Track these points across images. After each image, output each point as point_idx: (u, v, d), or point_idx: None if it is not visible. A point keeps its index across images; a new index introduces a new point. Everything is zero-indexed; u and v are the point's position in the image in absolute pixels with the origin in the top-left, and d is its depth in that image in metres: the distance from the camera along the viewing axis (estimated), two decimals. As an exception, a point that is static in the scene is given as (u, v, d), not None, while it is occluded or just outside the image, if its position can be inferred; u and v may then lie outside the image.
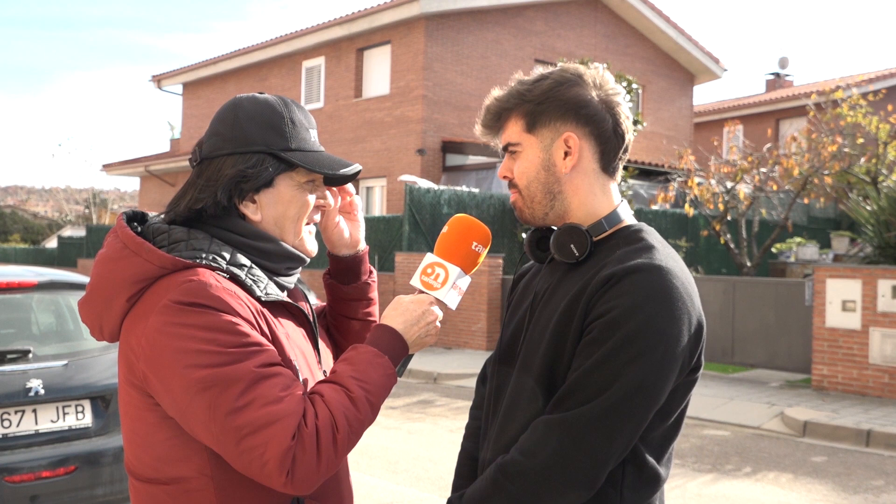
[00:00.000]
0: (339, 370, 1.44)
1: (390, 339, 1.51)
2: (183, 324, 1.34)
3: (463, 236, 1.62)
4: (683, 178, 13.71)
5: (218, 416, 1.31)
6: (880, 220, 11.10)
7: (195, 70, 24.89)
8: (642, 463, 1.49)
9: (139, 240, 1.43)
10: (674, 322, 1.43)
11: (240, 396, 1.31)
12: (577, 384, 1.44)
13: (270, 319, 1.46)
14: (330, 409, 1.37)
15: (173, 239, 1.47)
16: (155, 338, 1.36)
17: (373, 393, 1.43)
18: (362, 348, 1.48)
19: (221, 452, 1.35)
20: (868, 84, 20.43)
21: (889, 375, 9.06)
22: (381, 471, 6.27)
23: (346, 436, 1.38)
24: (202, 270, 1.41)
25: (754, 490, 5.97)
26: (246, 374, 1.33)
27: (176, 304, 1.36)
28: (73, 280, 4.63)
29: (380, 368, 1.45)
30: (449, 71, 18.36)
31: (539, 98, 1.58)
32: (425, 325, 1.55)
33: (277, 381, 1.35)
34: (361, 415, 1.40)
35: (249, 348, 1.36)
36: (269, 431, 1.30)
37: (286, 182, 1.53)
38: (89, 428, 4.04)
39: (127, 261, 1.42)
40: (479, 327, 13.26)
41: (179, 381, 1.33)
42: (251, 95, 1.57)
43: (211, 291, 1.37)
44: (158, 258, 1.40)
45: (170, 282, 1.39)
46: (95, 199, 41.97)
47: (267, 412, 1.31)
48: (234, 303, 1.39)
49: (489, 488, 1.49)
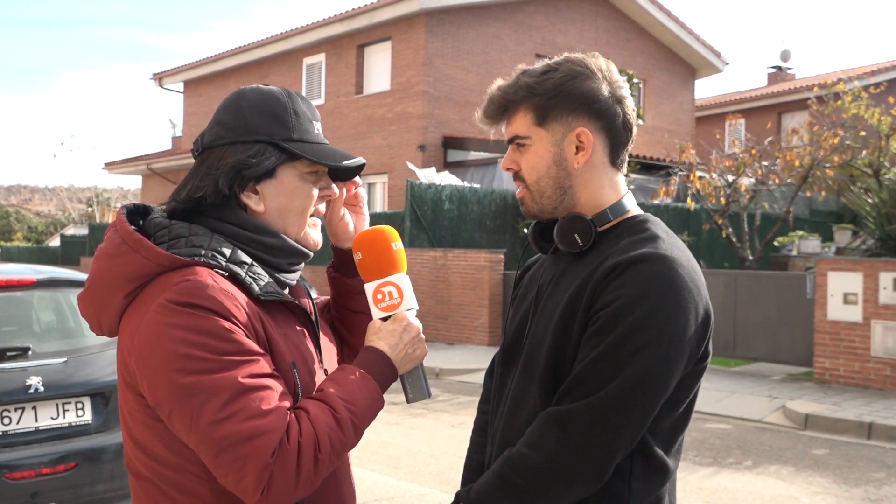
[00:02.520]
0: (326, 389, 1.41)
1: (378, 361, 1.48)
2: (175, 325, 1.32)
3: (380, 247, 1.56)
4: (685, 172, 13.69)
5: (199, 426, 1.29)
6: (882, 213, 11.07)
7: (196, 68, 24.89)
8: (650, 454, 1.48)
9: (137, 236, 1.40)
10: (679, 311, 1.41)
11: (223, 408, 1.29)
12: (583, 375, 1.43)
13: (268, 321, 1.43)
14: (315, 427, 1.34)
15: (174, 235, 1.44)
16: (147, 336, 1.34)
17: (358, 416, 1.40)
18: (350, 369, 1.45)
19: (202, 459, 1.33)
20: (870, 76, 20.39)
21: (891, 368, 9.05)
22: (382, 466, 6.28)
23: (328, 456, 1.35)
24: (200, 269, 1.38)
25: (755, 483, 5.98)
26: (232, 385, 1.30)
27: (171, 303, 1.33)
28: (72, 278, 4.63)
29: (367, 391, 1.43)
30: (449, 67, 18.35)
31: (550, 92, 1.54)
32: (410, 341, 1.52)
33: (264, 395, 1.32)
34: (345, 437, 1.38)
35: (240, 356, 1.33)
36: (249, 446, 1.28)
37: (289, 172, 1.51)
38: (89, 425, 4.05)
39: (125, 257, 1.40)
40: (480, 322, 13.26)
41: (165, 384, 1.31)
42: (255, 87, 1.55)
43: (207, 292, 1.35)
44: (156, 255, 1.38)
45: (167, 280, 1.37)
46: (98, 197, 42.01)
47: (249, 426, 1.28)
48: (231, 305, 1.36)
49: (496, 481, 1.48)
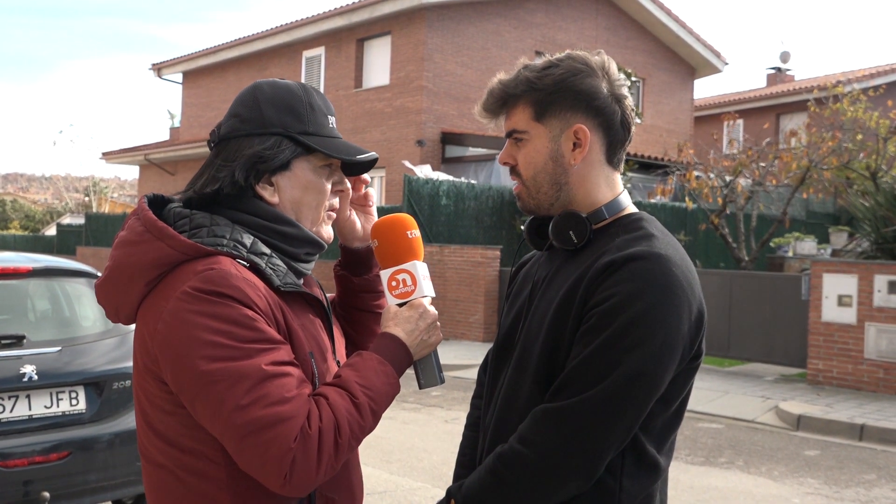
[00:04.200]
0: (344, 375, 1.44)
1: (394, 347, 1.51)
2: (200, 312, 1.34)
3: (396, 235, 1.60)
4: (682, 172, 13.70)
5: (223, 412, 1.31)
6: (878, 216, 11.09)
7: (195, 59, 24.84)
8: (642, 451, 1.48)
9: (161, 224, 1.42)
10: (673, 310, 1.42)
11: (247, 394, 1.31)
12: (576, 372, 1.43)
13: (287, 311, 1.46)
14: (335, 413, 1.37)
15: (195, 224, 1.46)
16: (171, 324, 1.36)
17: (376, 401, 1.43)
18: (367, 355, 1.48)
19: (225, 446, 1.35)
20: (869, 79, 20.42)
21: (884, 370, 9.08)
22: (374, 460, 6.29)
23: (348, 441, 1.38)
24: (223, 259, 1.40)
25: (746, 483, 6.00)
26: (255, 372, 1.32)
27: (195, 291, 1.35)
28: (68, 267, 4.63)
29: (384, 377, 1.46)
30: (449, 62, 18.33)
31: (550, 87, 1.55)
32: (426, 328, 1.55)
33: (286, 381, 1.35)
34: (364, 422, 1.41)
35: (262, 345, 1.35)
36: (272, 432, 1.30)
37: (303, 165, 1.53)
38: (83, 414, 4.05)
39: (148, 245, 1.41)
40: (476, 318, 13.28)
41: (190, 371, 1.33)
42: (272, 80, 1.57)
43: (231, 281, 1.37)
44: (180, 244, 1.40)
45: (190, 269, 1.39)
46: (95, 187, 41.93)
47: (272, 412, 1.31)
48: (253, 294, 1.38)
49: (488, 478, 1.48)
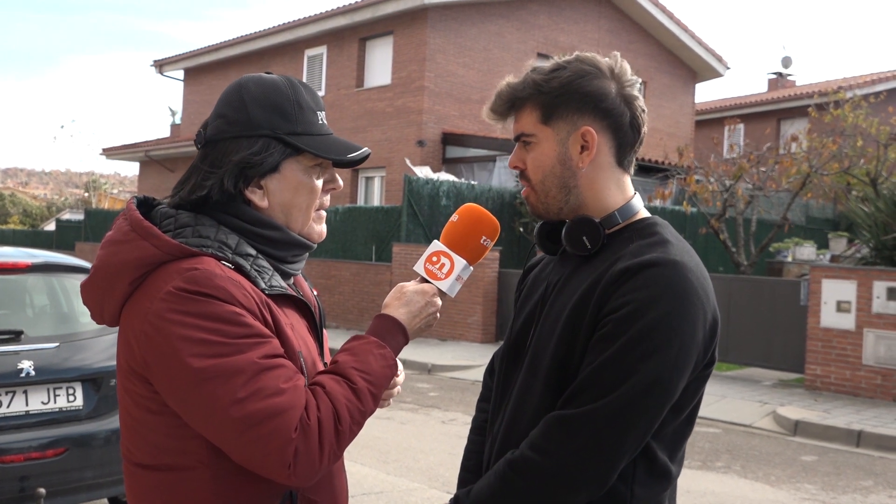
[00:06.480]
0: (340, 360, 1.43)
1: (393, 330, 1.50)
2: (187, 312, 1.33)
3: (473, 228, 1.59)
4: (683, 176, 13.69)
5: (219, 408, 1.30)
6: (878, 222, 11.09)
7: (197, 56, 24.82)
8: (654, 459, 1.47)
9: (147, 224, 1.41)
10: (689, 318, 1.40)
11: (242, 388, 1.30)
12: (590, 380, 1.41)
13: (275, 309, 1.45)
14: (332, 400, 1.36)
15: (179, 224, 1.45)
16: (158, 324, 1.34)
17: (374, 384, 1.42)
18: (364, 338, 1.48)
19: (222, 444, 1.34)
20: (870, 85, 20.43)
21: (882, 377, 9.08)
22: (371, 460, 6.29)
23: (349, 427, 1.38)
24: (207, 259, 1.39)
25: (743, 487, 5.99)
26: (248, 366, 1.31)
27: (179, 291, 1.34)
28: (67, 262, 4.62)
29: (381, 359, 1.45)
30: (451, 63, 18.33)
31: (557, 90, 1.53)
32: (426, 317, 1.55)
33: (280, 373, 1.34)
34: (364, 406, 1.40)
35: (252, 339, 1.34)
36: (271, 424, 1.29)
37: (292, 167, 1.50)
38: (80, 410, 4.04)
39: (133, 244, 1.40)
40: (474, 319, 13.27)
41: (181, 370, 1.32)
42: (257, 76, 1.53)
43: (215, 281, 1.36)
44: (165, 244, 1.39)
45: (174, 268, 1.38)
46: (95, 183, 41.92)
47: (269, 404, 1.30)
48: (239, 293, 1.37)
49: (498, 484, 1.46)
